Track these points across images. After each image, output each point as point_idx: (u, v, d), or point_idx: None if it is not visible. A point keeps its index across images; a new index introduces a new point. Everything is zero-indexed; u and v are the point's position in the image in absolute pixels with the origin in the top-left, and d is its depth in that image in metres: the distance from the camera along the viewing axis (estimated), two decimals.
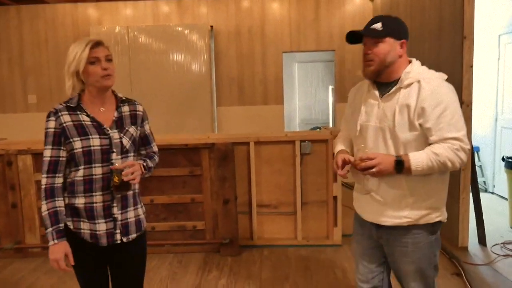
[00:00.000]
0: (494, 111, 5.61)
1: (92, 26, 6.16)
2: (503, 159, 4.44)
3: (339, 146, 2.12)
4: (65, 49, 1.91)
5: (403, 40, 1.85)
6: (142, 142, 2.05)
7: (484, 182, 5.78)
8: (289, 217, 4.06)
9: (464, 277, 3.21)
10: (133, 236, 1.96)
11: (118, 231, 1.91)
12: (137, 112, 2.00)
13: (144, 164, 1.97)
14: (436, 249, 1.94)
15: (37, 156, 3.78)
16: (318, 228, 4.06)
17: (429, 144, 1.78)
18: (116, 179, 1.80)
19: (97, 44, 1.84)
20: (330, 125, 8.01)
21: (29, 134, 4.52)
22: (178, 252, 3.95)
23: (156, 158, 2.10)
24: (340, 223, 4.02)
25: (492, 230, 4.13)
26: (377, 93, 1.90)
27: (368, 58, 1.83)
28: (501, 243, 3.88)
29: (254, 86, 6.41)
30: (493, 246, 3.83)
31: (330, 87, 8.20)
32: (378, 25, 1.80)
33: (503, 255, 3.64)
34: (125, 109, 1.96)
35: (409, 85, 1.81)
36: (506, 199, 4.90)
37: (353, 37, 1.89)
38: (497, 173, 5.59)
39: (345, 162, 1.90)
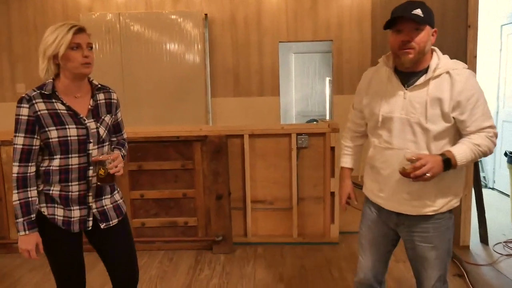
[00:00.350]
0: (495, 104, 5.46)
1: (82, 13, 5.94)
2: (505, 154, 4.31)
3: (345, 160, 2.15)
4: None
5: (435, 29, 1.81)
6: (114, 130, 2.04)
7: (484, 177, 5.65)
8: (285, 213, 3.91)
9: (467, 279, 3.08)
10: (114, 221, 1.98)
11: (90, 218, 1.91)
12: (112, 100, 1.98)
13: (121, 154, 1.97)
14: (452, 233, 1.94)
15: None
16: (315, 225, 3.92)
17: (463, 135, 1.79)
18: (102, 171, 1.78)
19: (80, 30, 1.79)
20: (327, 117, 7.87)
21: None
22: (169, 249, 3.80)
23: (126, 146, 2.12)
24: (338, 220, 3.87)
25: (494, 227, 3.99)
26: (400, 82, 1.83)
27: (410, 46, 1.73)
28: (504, 242, 3.75)
29: (249, 77, 6.23)
30: (495, 245, 3.71)
31: (327, 79, 8.05)
32: (419, 11, 1.71)
33: (506, 255, 3.52)
34: (101, 97, 1.94)
35: (438, 76, 1.77)
36: (507, 195, 4.79)
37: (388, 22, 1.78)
38: (497, 168, 5.47)
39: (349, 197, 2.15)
